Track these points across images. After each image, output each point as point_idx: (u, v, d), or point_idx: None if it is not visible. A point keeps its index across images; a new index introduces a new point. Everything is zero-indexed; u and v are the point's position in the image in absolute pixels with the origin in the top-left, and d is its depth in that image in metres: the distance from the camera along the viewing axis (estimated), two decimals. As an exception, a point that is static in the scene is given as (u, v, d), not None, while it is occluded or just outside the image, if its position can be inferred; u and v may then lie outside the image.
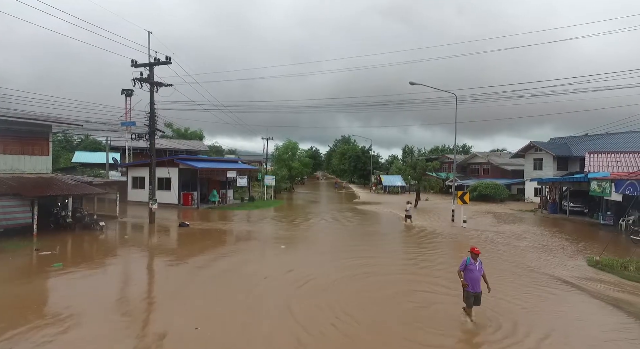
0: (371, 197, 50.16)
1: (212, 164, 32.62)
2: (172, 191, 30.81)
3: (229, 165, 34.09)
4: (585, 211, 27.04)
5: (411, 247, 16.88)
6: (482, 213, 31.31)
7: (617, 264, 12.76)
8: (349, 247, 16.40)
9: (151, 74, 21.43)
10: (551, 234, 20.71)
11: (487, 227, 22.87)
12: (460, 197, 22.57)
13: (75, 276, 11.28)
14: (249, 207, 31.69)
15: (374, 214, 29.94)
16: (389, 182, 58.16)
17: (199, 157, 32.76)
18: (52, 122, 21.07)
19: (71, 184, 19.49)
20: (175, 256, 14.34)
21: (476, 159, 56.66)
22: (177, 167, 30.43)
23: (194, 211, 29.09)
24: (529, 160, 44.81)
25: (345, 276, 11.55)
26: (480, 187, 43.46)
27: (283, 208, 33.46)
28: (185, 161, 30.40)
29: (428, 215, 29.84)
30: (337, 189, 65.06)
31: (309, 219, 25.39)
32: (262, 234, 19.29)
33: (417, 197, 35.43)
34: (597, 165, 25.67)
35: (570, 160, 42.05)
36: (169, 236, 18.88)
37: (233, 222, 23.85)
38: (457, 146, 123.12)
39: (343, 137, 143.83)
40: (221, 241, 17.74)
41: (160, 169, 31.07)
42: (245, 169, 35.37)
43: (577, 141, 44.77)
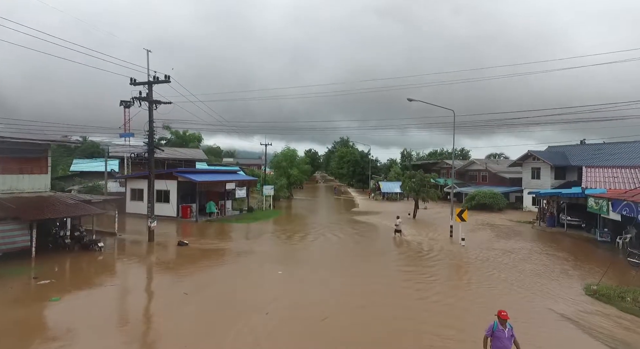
0: (370, 205, 50.22)
1: (211, 176, 32.63)
2: (171, 203, 30.85)
3: (227, 177, 34.09)
4: (582, 226, 27.15)
5: (409, 273, 16.92)
6: (481, 226, 31.40)
7: (615, 295, 12.84)
8: (346, 272, 16.43)
9: (150, 92, 21.43)
10: (550, 254, 20.78)
11: (486, 245, 22.94)
12: (458, 215, 22.62)
13: (71, 306, 11.34)
14: (248, 220, 31.70)
15: (372, 228, 29.90)
16: (387, 189, 58.22)
17: (197, 170, 32.77)
18: (50, 141, 21.06)
19: (70, 204, 19.48)
20: (170, 282, 14.35)
21: (474, 166, 56.81)
22: (176, 180, 30.44)
23: (193, 224, 29.09)
24: (527, 169, 44.96)
25: (341, 309, 11.59)
26: (478, 196, 43.57)
27: (281, 220, 33.48)
28: (184, 174, 30.40)
29: (426, 228, 29.90)
30: (335, 195, 65.10)
31: (307, 235, 25.40)
32: (259, 255, 19.29)
33: (416, 208, 35.49)
34: (595, 181, 25.78)
35: (568, 169, 42.23)
36: (167, 257, 18.87)
37: (231, 240, 23.85)
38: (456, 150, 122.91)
39: (342, 139, 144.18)
40: (218, 263, 17.72)
41: (159, 181, 31.16)
42: (244, 180, 35.38)
43: (574, 150, 44.97)
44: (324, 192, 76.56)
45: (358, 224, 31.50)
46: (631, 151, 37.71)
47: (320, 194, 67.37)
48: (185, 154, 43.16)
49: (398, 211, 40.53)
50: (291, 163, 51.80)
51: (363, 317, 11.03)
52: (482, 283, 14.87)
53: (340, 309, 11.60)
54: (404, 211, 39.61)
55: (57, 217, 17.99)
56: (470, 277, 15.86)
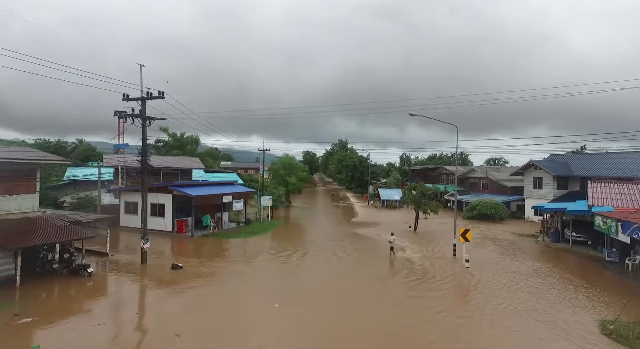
0: (369, 214, 49.48)
1: (208, 189, 31.81)
2: (166, 218, 30.00)
3: (224, 189, 33.26)
4: (588, 243, 26.48)
5: (412, 306, 16.17)
6: (483, 240, 30.71)
7: (633, 336, 12.13)
8: (344, 303, 15.66)
9: (143, 108, 20.61)
10: (559, 277, 20.08)
11: (491, 266, 22.21)
12: (462, 235, 21.89)
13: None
14: (245, 234, 30.89)
15: (372, 244, 29.06)
16: (387, 196, 57.51)
17: (193, 183, 31.92)
18: (39, 160, 20.23)
19: (58, 226, 18.63)
20: (162, 319, 13.55)
21: (475, 173, 56.16)
22: (171, 193, 29.62)
23: (188, 240, 28.27)
24: (528, 178, 44.34)
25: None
26: (480, 206, 42.91)
27: (279, 235, 32.66)
28: (179, 187, 29.57)
29: (428, 244, 29.18)
30: (334, 201, 64.35)
31: (306, 255, 24.59)
32: (256, 282, 18.51)
33: (416, 220, 34.75)
34: (601, 197, 25.11)
35: (570, 179, 41.64)
36: (159, 283, 18.06)
37: (227, 260, 23.01)
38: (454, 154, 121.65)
39: (340, 141, 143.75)
40: (211, 293, 16.91)
41: (153, 194, 30.32)
42: (241, 192, 34.55)
43: (576, 160, 44.40)
44: (322, 197, 75.77)
45: (358, 240, 30.72)
46: (636, 162, 37.12)
47: (319, 201, 66.55)
48: (181, 163, 42.31)
49: (398, 222, 39.92)
50: (290, 171, 51.00)
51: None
52: (494, 319, 14.07)
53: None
54: (404, 221, 38.97)
55: (44, 243, 17.14)
56: (480, 311, 14.92)
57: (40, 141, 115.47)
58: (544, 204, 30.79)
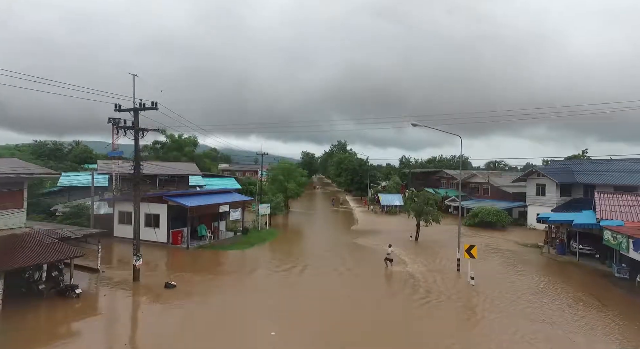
0: (369, 220, 48.69)
1: (204, 198, 30.94)
2: (161, 228, 29.16)
3: (221, 198, 32.38)
4: (596, 256, 25.72)
5: (416, 331, 15.38)
6: (487, 251, 29.93)
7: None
8: (347, 329, 14.86)
9: (136, 120, 19.78)
10: (569, 295, 19.34)
11: (497, 282, 21.44)
12: (467, 251, 21.10)
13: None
14: (242, 245, 30.03)
15: (373, 257, 28.19)
16: (387, 201, 56.74)
17: (189, 192, 31.05)
18: (27, 174, 19.37)
19: (46, 244, 17.76)
20: (150, 343, 12.73)
21: (476, 178, 55.42)
22: (166, 204, 28.77)
23: (184, 252, 27.41)
24: (531, 185, 43.61)
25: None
26: (482, 213, 42.17)
27: (278, 245, 31.83)
28: (174, 198, 28.70)
29: (430, 255, 28.42)
30: (333, 206, 63.51)
31: (305, 269, 23.77)
32: (251, 304, 17.68)
33: (418, 230, 33.93)
34: (609, 210, 24.36)
35: (574, 186, 40.92)
36: (150, 304, 17.23)
37: (222, 276, 22.17)
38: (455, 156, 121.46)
39: (339, 142, 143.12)
40: (204, 317, 16.09)
41: (148, 204, 29.47)
42: (238, 201, 33.69)
43: (580, 166, 43.69)
44: (321, 201, 74.86)
45: (359, 252, 29.89)
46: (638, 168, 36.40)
47: (318, 205, 65.64)
48: (177, 169, 41.45)
49: (398, 230, 39.07)
50: (288, 176, 50.16)
51: None
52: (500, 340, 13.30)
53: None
54: (405, 228, 38.10)
55: (29, 264, 16.28)
56: (496, 343, 13.99)
57: (36, 142, 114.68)
58: (549, 214, 30.02)
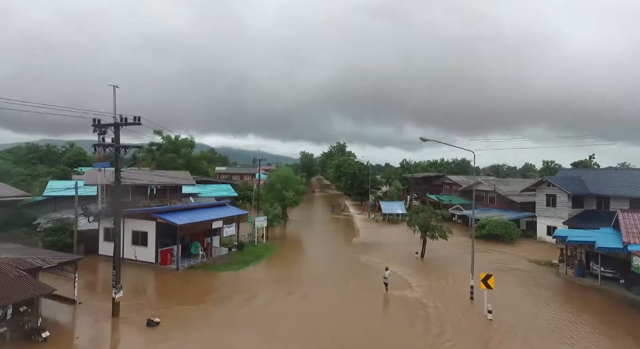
0: (370, 231, 46.70)
1: (195, 214, 28.85)
2: (149, 247, 27.10)
3: (214, 213, 30.30)
4: (621, 281, 23.74)
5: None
6: (498, 269, 27.98)
7: None
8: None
9: (117, 136, 17.70)
10: (599, 333, 17.39)
11: (515, 312, 19.51)
12: (483, 281, 19.11)
13: None
14: (237, 265, 27.95)
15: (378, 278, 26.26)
16: (388, 209, 54.76)
17: (179, 207, 28.94)
18: None
19: (11, 279, 15.67)
20: None
21: (481, 186, 53.41)
22: (155, 221, 26.69)
23: (173, 275, 25.33)
24: (540, 195, 41.68)
25: None
26: (489, 225, 40.20)
27: (275, 263, 29.80)
28: (163, 214, 26.60)
29: (438, 276, 26.46)
30: (334, 213, 61.46)
31: (305, 297, 21.76)
32: (247, 346, 15.68)
33: (424, 247, 31.92)
34: (637, 232, 22.36)
35: (586, 198, 38.99)
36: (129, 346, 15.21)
37: (212, 308, 20.09)
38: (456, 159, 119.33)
39: (338, 143, 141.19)
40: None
41: (135, 221, 27.46)
42: (233, 216, 31.61)
43: (592, 176, 41.70)
44: (321, 207, 72.84)
45: (362, 272, 27.82)
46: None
47: (317, 212, 63.50)
48: (170, 177, 39.34)
49: (402, 243, 37.04)
50: (286, 184, 48.09)
51: None
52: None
53: None
54: (408, 241, 36.07)
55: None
56: None
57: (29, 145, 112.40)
58: (566, 232, 27.95)
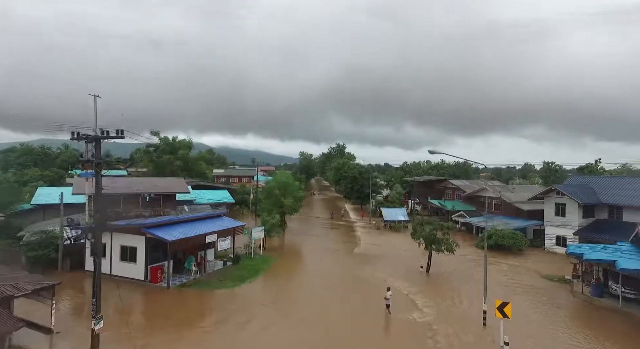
0: (372, 239, 45.11)
1: (188, 228, 27.14)
2: (138, 264, 25.43)
3: (208, 226, 28.61)
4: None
5: None
6: (508, 286, 26.45)
7: None
8: None
9: (97, 151, 16.01)
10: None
11: (532, 340, 17.92)
12: (499, 309, 17.49)
13: None
14: (232, 281, 26.27)
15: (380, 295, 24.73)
16: (390, 216, 53.13)
17: (171, 220, 27.20)
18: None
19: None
20: None
21: (486, 192, 51.83)
22: (144, 236, 25.02)
23: (162, 294, 23.66)
24: (549, 204, 40.09)
25: None
26: (496, 235, 38.56)
27: (273, 279, 28.19)
28: (153, 229, 24.89)
29: (445, 294, 24.89)
30: (333, 219, 59.79)
31: (303, 321, 20.15)
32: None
33: (429, 261, 30.31)
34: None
35: (597, 207, 37.43)
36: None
37: (205, 333, 18.45)
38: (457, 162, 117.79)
39: (338, 145, 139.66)
40: None
41: (123, 236, 25.82)
42: (228, 229, 29.92)
43: (602, 183, 40.18)
44: (320, 212, 71.15)
45: (363, 288, 26.19)
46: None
47: (317, 219, 61.67)
48: (164, 187, 37.68)
49: (405, 255, 35.25)
50: (285, 190, 46.38)
51: None
52: None
53: None
54: (412, 252, 34.48)
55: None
56: None
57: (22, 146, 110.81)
58: (581, 248, 26.18)
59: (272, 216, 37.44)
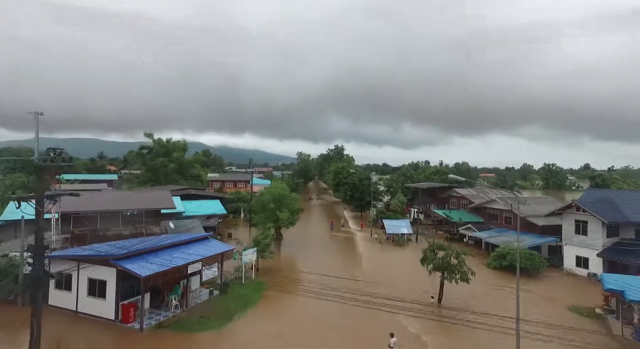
0: (374, 255, 41.86)
1: (168, 256, 23.67)
2: (108, 300, 21.98)
3: (192, 252, 25.11)
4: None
5: None
6: (532, 322, 23.12)
7: None
8: None
9: (41, 181, 12.58)
10: None
11: None
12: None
13: None
14: (218, 319, 22.83)
15: (385, 335, 21.37)
16: (393, 229, 49.73)
17: (148, 248, 23.59)
18: None
19: None
20: None
21: (495, 204, 48.55)
22: (115, 268, 21.57)
23: (134, 338, 20.22)
24: (568, 220, 36.79)
25: None
26: (509, 255, 35.23)
27: (266, 311, 24.78)
28: (124, 261, 21.38)
29: (463, 336, 21.55)
30: (333, 231, 56.31)
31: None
32: None
33: (441, 289, 26.99)
34: None
35: (622, 226, 34.19)
36: None
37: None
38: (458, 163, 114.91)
39: (336, 147, 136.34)
40: None
41: (92, 267, 22.41)
42: (215, 255, 26.44)
43: (626, 198, 36.93)
44: (319, 221, 67.66)
45: (368, 327, 22.84)
46: None
47: (315, 229, 58.01)
48: (149, 203, 34.21)
49: (414, 279, 31.60)
50: (280, 203, 42.99)
51: None
52: None
53: None
54: (420, 276, 30.98)
55: None
56: None
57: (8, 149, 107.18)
58: (619, 283, 22.64)
59: (265, 234, 33.90)
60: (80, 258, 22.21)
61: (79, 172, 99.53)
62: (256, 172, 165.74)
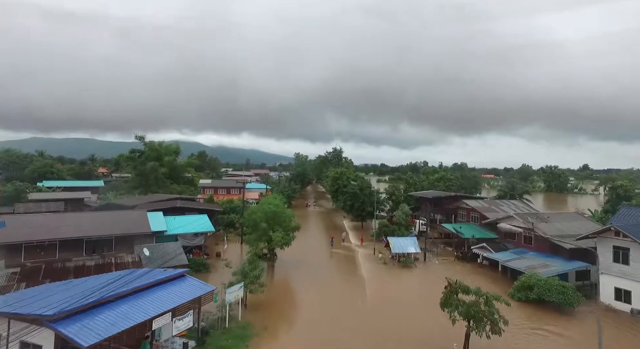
0: (380, 279, 37.21)
1: (129, 306, 18.61)
2: (45, 372, 16.97)
3: (159, 301, 20.09)
4: None
5: None
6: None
7: None
8: None
9: None
10: None
11: None
12: None
13: None
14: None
15: None
16: (399, 248, 44.85)
17: (102, 299, 18.50)
18: None
19: None
20: None
21: (513, 221, 43.74)
22: (53, 331, 16.57)
23: None
24: (605, 246, 31.98)
25: None
26: (538, 287, 30.42)
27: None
28: (64, 322, 16.37)
29: None
30: (332, 248, 51.29)
31: None
32: None
33: (467, 339, 22.11)
34: None
35: (669, 253, 29.45)
36: None
37: None
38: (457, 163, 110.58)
39: (334, 149, 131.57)
40: None
41: (26, 327, 17.40)
42: (190, 301, 21.37)
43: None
44: (317, 233, 62.67)
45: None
46: None
47: (313, 246, 52.87)
48: (116, 227, 29.19)
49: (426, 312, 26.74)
50: (274, 221, 38.13)
51: None
52: None
53: None
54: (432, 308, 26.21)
55: None
56: None
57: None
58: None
59: (253, 264, 28.90)
60: (10, 316, 17.21)
61: (64, 178, 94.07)
62: (252, 175, 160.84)
